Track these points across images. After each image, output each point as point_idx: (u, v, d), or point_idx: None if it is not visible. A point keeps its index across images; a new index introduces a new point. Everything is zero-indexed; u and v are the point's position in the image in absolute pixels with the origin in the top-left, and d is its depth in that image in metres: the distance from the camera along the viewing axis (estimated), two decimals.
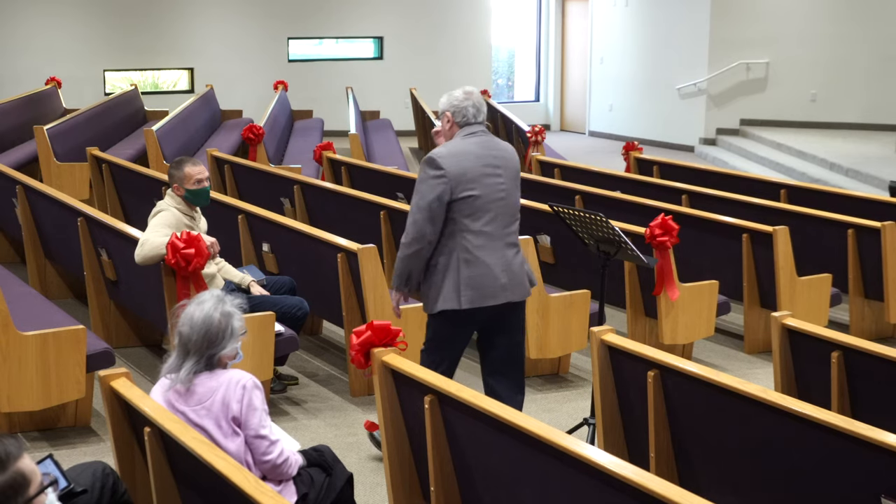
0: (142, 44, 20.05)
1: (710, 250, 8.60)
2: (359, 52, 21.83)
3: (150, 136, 12.63)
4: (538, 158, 12.56)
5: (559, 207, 6.35)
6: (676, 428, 4.87)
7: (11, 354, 6.05)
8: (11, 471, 2.93)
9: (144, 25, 19.96)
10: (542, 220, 8.50)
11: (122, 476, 4.49)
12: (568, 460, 3.77)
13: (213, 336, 4.47)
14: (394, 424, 4.75)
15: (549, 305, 7.30)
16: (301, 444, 5.26)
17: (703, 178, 11.44)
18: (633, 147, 12.95)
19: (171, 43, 20.26)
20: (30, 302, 7.15)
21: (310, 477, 4.66)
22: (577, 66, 22.79)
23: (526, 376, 7.55)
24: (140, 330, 8.09)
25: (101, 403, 4.85)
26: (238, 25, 20.60)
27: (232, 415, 4.46)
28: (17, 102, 16.06)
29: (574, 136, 22.24)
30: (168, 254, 6.46)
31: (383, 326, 4.76)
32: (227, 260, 7.51)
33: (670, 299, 7.53)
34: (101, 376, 4.55)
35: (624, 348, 4.99)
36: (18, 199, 9.10)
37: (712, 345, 8.45)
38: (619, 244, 6.06)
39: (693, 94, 19.58)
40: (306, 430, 6.56)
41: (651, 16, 20.40)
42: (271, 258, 8.03)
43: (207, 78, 19.77)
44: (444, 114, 5.64)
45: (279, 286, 7.37)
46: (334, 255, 7.18)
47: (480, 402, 4.18)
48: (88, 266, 7.95)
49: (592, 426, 5.98)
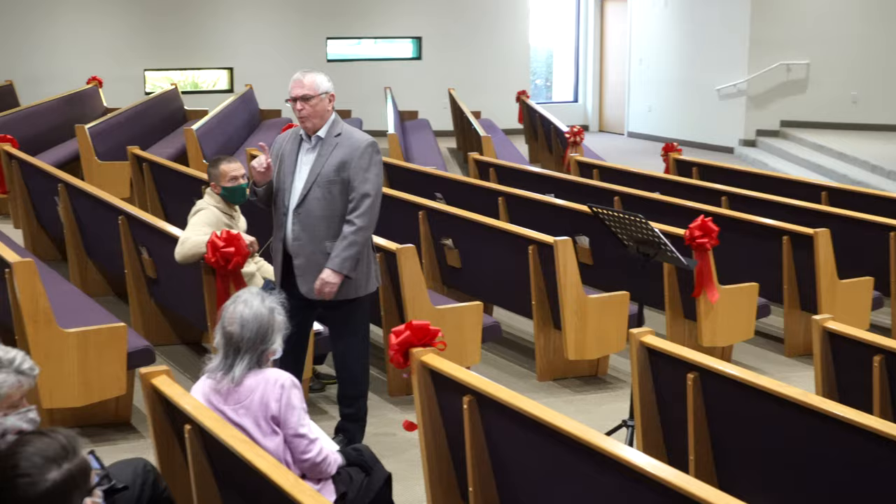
0: (182, 44, 20.15)
1: (749, 252, 8.55)
2: (397, 53, 21.85)
3: (189, 135, 12.70)
4: (577, 159, 12.53)
5: (598, 209, 6.33)
6: (716, 430, 4.85)
7: (53, 351, 6.10)
8: (80, 457, 2.99)
9: (185, 25, 20.06)
10: (580, 222, 8.49)
11: (162, 473, 4.51)
12: (607, 462, 3.76)
13: (263, 332, 4.51)
14: (432, 424, 4.75)
15: (587, 307, 7.28)
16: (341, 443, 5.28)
17: (742, 180, 11.38)
18: (672, 148, 12.90)
19: (210, 43, 20.35)
20: (71, 299, 7.20)
21: (349, 476, 4.67)
22: (616, 66, 22.72)
23: (564, 377, 7.59)
24: (179, 328, 8.13)
25: (142, 400, 4.88)
26: (277, 26, 20.67)
27: (271, 414, 4.48)
28: (59, 101, 16.18)
29: (612, 137, 22.16)
30: (208, 252, 6.49)
31: (422, 326, 4.76)
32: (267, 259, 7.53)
33: (710, 301, 7.50)
34: (142, 374, 4.58)
35: (663, 350, 4.97)
36: (60, 197, 9.17)
37: (752, 347, 8.40)
38: (659, 246, 6.04)
39: (733, 95, 19.48)
40: None
41: (691, 16, 20.31)
42: None
43: (247, 78, 19.85)
44: (328, 94, 5.85)
45: None
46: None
47: (519, 402, 4.18)
48: (129, 264, 8.00)
49: (631, 428, 5.97)
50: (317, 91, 5.79)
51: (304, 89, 5.78)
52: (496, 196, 9.66)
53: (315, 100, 5.78)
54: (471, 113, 16.91)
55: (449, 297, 7.90)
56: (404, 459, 6.09)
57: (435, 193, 10.20)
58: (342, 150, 5.79)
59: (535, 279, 7.48)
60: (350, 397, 6.08)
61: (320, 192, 5.76)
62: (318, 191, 5.76)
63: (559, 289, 7.20)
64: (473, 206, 8.85)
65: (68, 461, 2.97)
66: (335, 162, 5.77)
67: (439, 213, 8.51)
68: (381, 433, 6.53)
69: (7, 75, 18.22)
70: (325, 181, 5.76)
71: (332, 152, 5.79)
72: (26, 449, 2.96)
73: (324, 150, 5.81)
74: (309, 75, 5.86)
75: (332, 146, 5.81)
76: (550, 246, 7.22)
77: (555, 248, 7.16)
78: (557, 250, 7.15)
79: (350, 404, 6.08)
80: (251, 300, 4.55)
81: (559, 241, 7.18)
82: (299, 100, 5.77)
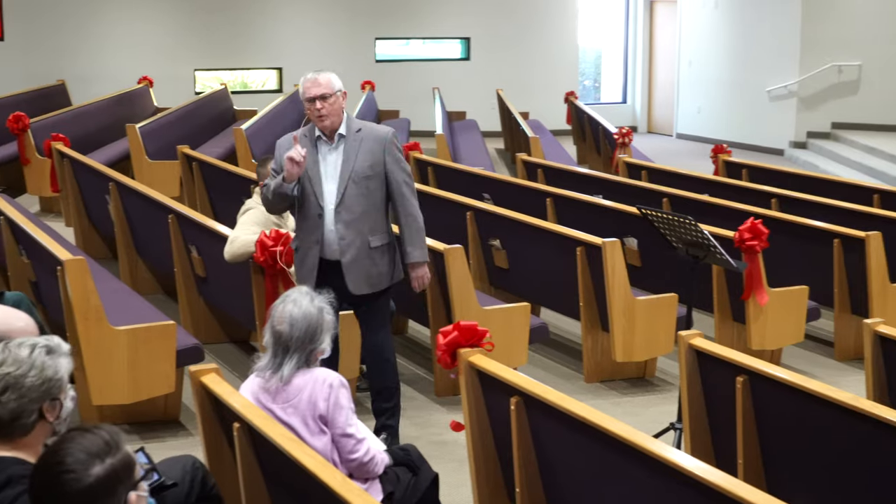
0: (232, 44, 20.27)
1: (800, 255, 8.49)
2: (446, 53, 21.87)
3: (239, 134, 12.77)
4: (625, 161, 12.48)
5: (647, 210, 6.31)
6: (765, 434, 4.81)
7: (104, 348, 6.15)
8: (123, 452, 3.02)
9: (234, 26, 20.18)
10: (628, 223, 8.46)
11: (210, 470, 4.54)
12: (655, 465, 3.74)
13: (313, 331, 4.54)
14: (479, 425, 4.75)
15: (635, 309, 7.25)
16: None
17: (793, 182, 11.29)
18: (722, 150, 12.82)
19: (260, 43, 20.45)
20: (121, 297, 7.26)
21: (396, 476, 4.68)
22: (665, 67, 22.62)
23: (611, 379, 7.57)
24: (228, 326, 8.17)
25: (191, 398, 4.91)
26: (326, 26, 20.74)
27: (319, 413, 4.50)
28: (111, 101, 16.33)
29: (661, 139, 22.07)
30: (257, 251, 6.53)
31: (470, 327, 4.76)
32: None
33: (759, 304, 7.45)
34: (191, 371, 4.61)
35: (712, 353, 4.94)
36: (111, 196, 9.25)
37: (801, 351, 8.33)
38: (708, 248, 6.00)
39: (783, 97, 19.33)
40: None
41: (741, 17, 20.18)
42: None
43: (296, 78, 19.87)
44: (342, 91, 5.85)
45: None
46: None
47: (567, 404, 4.17)
48: (178, 263, 8.06)
49: (679, 431, 5.94)
50: (333, 89, 5.79)
51: (321, 88, 5.77)
52: (544, 197, 9.64)
53: (332, 98, 5.78)
54: (519, 114, 16.90)
55: (496, 298, 7.90)
56: (451, 460, 6.09)
57: (483, 194, 10.20)
58: (369, 143, 5.83)
59: (583, 280, 7.46)
60: (391, 389, 6.11)
61: (356, 188, 5.78)
62: (355, 187, 5.78)
63: (607, 290, 7.18)
64: (521, 206, 8.84)
65: (111, 456, 3.00)
66: (366, 157, 5.80)
67: (487, 213, 8.51)
68: (428, 433, 6.54)
69: (59, 75, 18.40)
70: (360, 177, 5.79)
71: (359, 147, 5.82)
72: (70, 445, 3.00)
73: (349, 146, 5.83)
74: (323, 74, 5.84)
75: (357, 142, 5.83)
76: (598, 247, 7.20)
77: (603, 250, 7.14)
78: (605, 252, 7.12)
79: (390, 397, 6.10)
80: (300, 300, 4.58)
81: (607, 242, 7.16)
82: (318, 99, 5.76)
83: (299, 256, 5.96)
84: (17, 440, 3.38)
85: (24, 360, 3.36)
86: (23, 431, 3.37)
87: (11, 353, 3.38)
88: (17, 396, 3.33)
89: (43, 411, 3.38)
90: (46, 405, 3.38)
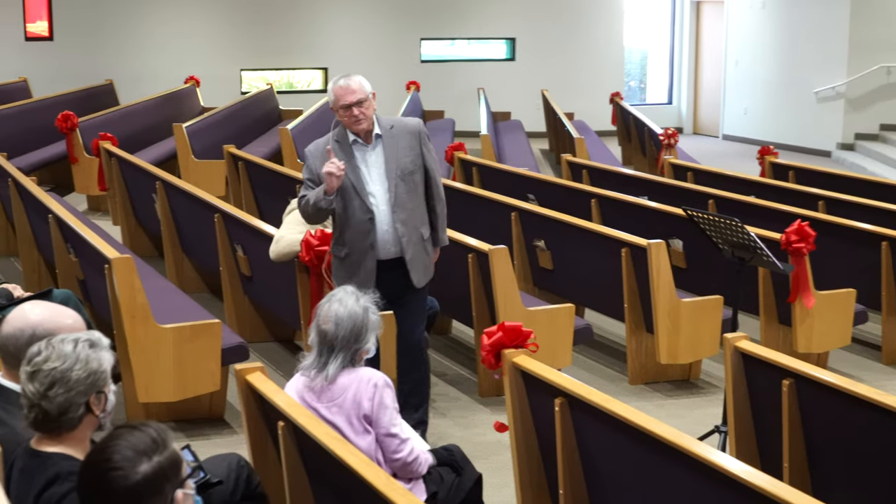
0: (277, 44, 20.36)
1: (847, 258, 8.42)
2: (491, 54, 21.86)
3: (284, 134, 12.83)
4: (671, 162, 12.43)
5: (693, 212, 6.28)
6: (811, 438, 4.78)
7: (150, 346, 6.20)
8: (170, 450, 3.05)
9: (280, 26, 20.26)
10: (674, 225, 8.42)
11: (255, 468, 4.56)
12: (699, 467, 3.73)
13: (358, 331, 4.56)
14: (523, 426, 4.75)
15: (680, 310, 7.22)
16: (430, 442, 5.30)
17: (840, 184, 11.20)
18: (769, 151, 12.74)
19: (305, 43, 20.53)
20: (167, 295, 7.31)
21: (439, 476, 4.68)
22: (711, 68, 22.50)
23: (655, 381, 7.54)
24: (273, 325, 8.21)
25: (235, 396, 4.94)
26: (371, 26, 20.79)
27: (363, 412, 4.51)
28: (158, 100, 16.45)
29: (707, 140, 21.95)
30: (302, 251, 6.55)
31: (514, 328, 4.76)
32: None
33: (806, 307, 7.40)
34: (236, 370, 4.63)
35: (758, 356, 4.91)
36: (158, 194, 9.32)
37: (848, 354, 8.26)
38: (755, 250, 5.97)
39: (831, 98, 19.18)
40: (434, 429, 6.59)
41: (789, 17, 20.03)
42: None
43: None
44: (372, 92, 5.79)
45: None
46: (465, 256, 7.21)
47: (611, 406, 4.16)
48: (224, 261, 8.10)
49: (724, 434, 5.91)
50: (367, 93, 5.76)
51: (356, 94, 5.73)
52: (589, 198, 9.62)
53: (367, 102, 5.75)
54: (564, 114, 16.87)
55: (540, 299, 7.89)
56: (495, 461, 6.09)
57: (527, 194, 10.19)
58: (404, 139, 5.85)
59: (628, 282, 7.43)
60: (426, 383, 6.14)
61: (405, 185, 5.80)
62: (403, 184, 5.79)
63: (652, 292, 7.15)
64: (566, 207, 8.82)
65: (158, 454, 3.03)
66: (406, 152, 5.82)
67: (532, 214, 8.50)
68: (472, 434, 6.54)
69: (107, 75, 18.55)
70: (405, 173, 5.80)
71: (397, 145, 5.82)
72: (118, 443, 3.03)
73: (388, 145, 5.82)
74: (353, 79, 5.79)
75: (393, 139, 5.83)
76: (643, 248, 7.18)
77: (648, 251, 7.11)
78: (650, 253, 7.10)
79: (424, 389, 6.12)
80: (346, 299, 4.59)
81: (652, 243, 7.13)
82: (354, 106, 5.73)
83: (350, 263, 5.87)
84: (64, 435, 3.42)
85: (69, 354, 3.39)
86: (70, 426, 3.40)
87: (55, 348, 3.41)
88: (64, 391, 3.36)
89: (90, 404, 3.40)
90: (93, 398, 3.41)
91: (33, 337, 3.70)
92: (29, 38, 18.99)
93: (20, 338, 3.73)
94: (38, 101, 15.79)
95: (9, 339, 3.78)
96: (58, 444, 3.42)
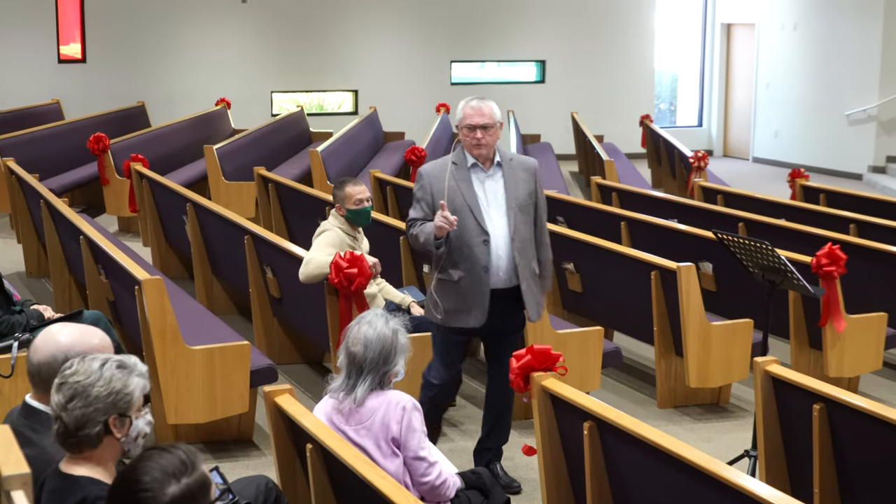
0: (308, 66, 20.46)
1: (878, 281, 8.37)
2: (521, 76, 21.90)
3: (315, 156, 12.87)
4: (701, 184, 12.41)
5: (724, 235, 6.26)
6: (842, 463, 4.74)
7: (179, 368, 6.22)
8: (199, 472, 3.05)
9: (311, 48, 20.36)
10: (704, 247, 8.39)
11: (283, 490, 4.57)
12: (729, 492, 3.71)
13: (387, 353, 4.56)
14: (552, 449, 4.73)
15: (710, 334, 7.19)
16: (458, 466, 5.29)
17: (872, 207, 11.14)
18: (800, 174, 12.70)
19: (336, 65, 20.62)
20: (197, 317, 7.34)
21: (468, 499, 4.67)
22: (742, 90, 22.45)
23: (685, 405, 7.50)
24: (302, 347, 8.22)
25: (264, 418, 4.94)
26: (402, 48, 20.87)
27: (392, 435, 4.51)
28: (190, 122, 16.56)
29: (737, 162, 21.89)
30: (331, 273, 6.56)
31: (543, 351, 4.75)
32: (388, 280, 7.59)
33: (837, 331, 7.35)
34: (265, 392, 4.64)
35: (789, 380, 4.89)
36: (188, 216, 9.36)
37: (880, 379, 8.20)
38: (785, 273, 5.94)
39: (863, 121, 19.10)
40: (463, 452, 6.58)
41: (820, 40, 19.97)
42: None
43: (371, 100, 20.06)
44: (500, 122, 5.75)
45: None
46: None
47: (640, 429, 4.14)
48: (254, 283, 8.12)
49: (754, 458, 5.87)
50: (495, 120, 5.70)
51: (484, 118, 5.65)
52: (619, 220, 9.60)
53: (493, 129, 5.69)
54: (594, 137, 16.87)
55: (570, 322, 7.87)
56: (523, 484, 6.07)
57: (557, 217, 10.18)
58: (524, 173, 5.79)
59: (658, 305, 7.41)
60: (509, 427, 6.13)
61: (522, 216, 5.72)
62: (521, 216, 5.72)
63: (682, 315, 7.12)
64: (595, 230, 8.81)
65: (188, 476, 3.03)
66: (524, 186, 5.75)
67: (562, 236, 8.48)
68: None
69: (139, 96, 18.69)
70: (524, 205, 5.73)
71: (517, 177, 5.76)
72: (148, 464, 3.03)
73: (508, 175, 5.74)
74: (486, 103, 5.71)
75: (514, 170, 5.77)
76: (673, 272, 7.15)
77: (678, 274, 7.09)
78: (681, 276, 7.07)
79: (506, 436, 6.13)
80: (375, 321, 4.60)
81: (682, 266, 7.11)
82: (479, 128, 5.65)
83: (461, 288, 5.70)
84: (86, 454, 3.42)
85: (94, 371, 3.42)
86: (90, 444, 3.40)
87: (84, 364, 3.44)
88: (83, 405, 3.37)
89: (109, 425, 3.41)
90: (113, 419, 3.41)
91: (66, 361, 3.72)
92: (62, 60, 19.16)
93: (53, 364, 3.73)
94: (70, 122, 15.93)
95: (42, 366, 3.80)
96: (84, 466, 3.42)
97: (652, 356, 7.83)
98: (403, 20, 20.81)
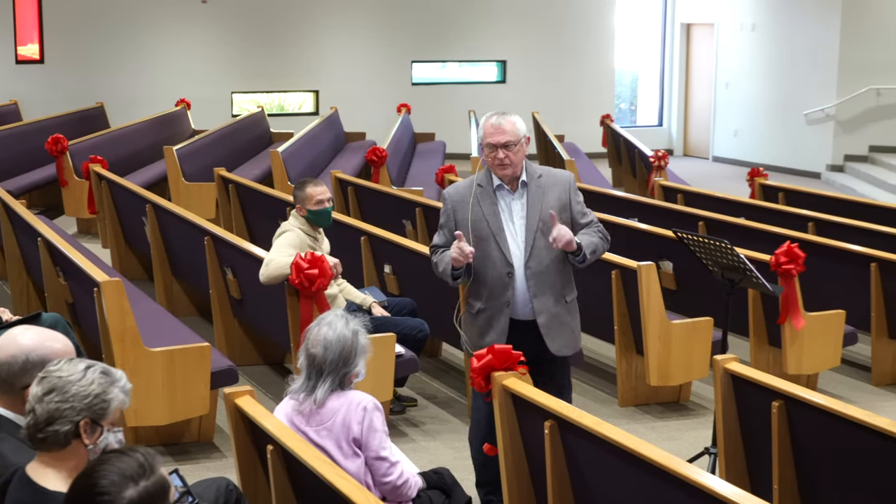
0: (269, 67, 20.37)
1: (836, 279, 8.43)
2: (482, 76, 21.91)
3: (275, 157, 12.83)
4: (661, 184, 12.46)
5: (683, 234, 6.29)
6: (801, 459, 4.78)
7: (139, 370, 6.18)
8: (158, 475, 3.03)
9: (272, 48, 20.28)
10: (664, 246, 8.43)
11: (244, 492, 4.55)
12: (689, 489, 3.72)
13: (347, 354, 4.55)
14: (513, 449, 4.74)
15: (670, 332, 7.22)
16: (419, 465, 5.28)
17: (830, 206, 11.23)
18: (759, 173, 12.78)
19: (297, 66, 20.55)
20: (157, 318, 7.30)
21: (429, 499, 4.67)
22: (702, 90, 22.56)
23: (646, 403, 7.53)
24: (263, 348, 8.20)
25: (225, 420, 4.92)
26: (363, 49, 20.82)
27: (353, 436, 4.51)
28: (149, 123, 16.45)
29: (698, 162, 22.00)
30: (292, 274, 6.54)
31: (504, 350, 4.75)
32: (350, 281, 7.58)
33: (795, 328, 7.40)
34: (225, 393, 4.62)
35: (748, 377, 4.91)
36: (148, 217, 9.31)
37: (838, 376, 8.27)
38: (744, 271, 5.98)
39: (821, 120, 19.25)
40: (425, 451, 6.58)
41: (779, 40, 20.10)
42: (393, 279, 8.08)
43: (332, 100, 20.01)
44: (526, 137, 5.37)
45: (400, 308, 7.42)
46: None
47: (601, 428, 4.16)
48: (214, 284, 8.09)
49: (714, 455, 5.90)
50: (519, 137, 5.28)
51: (505, 136, 5.23)
52: None
53: (517, 147, 5.26)
54: (554, 136, 16.90)
55: None
56: None
57: None
58: (554, 190, 5.33)
59: (618, 304, 7.43)
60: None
61: (544, 239, 5.24)
62: (543, 238, 5.25)
63: (642, 314, 7.15)
64: None
65: (146, 479, 3.01)
66: (553, 204, 5.27)
67: None
68: (463, 457, 6.52)
69: (98, 97, 18.56)
70: (548, 226, 5.22)
71: (544, 195, 5.30)
72: (105, 467, 3.01)
73: (533, 194, 5.30)
74: (507, 119, 5.29)
75: (540, 188, 5.32)
76: (634, 271, 7.18)
77: (638, 273, 7.11)
78: (641, 275, 7.10)
79: None
80: (335, 322, 4.59)
81: (643, 265, 7.13)
82: (501, 147, 5.24)
83: (483, 320, 5.37)
84: (54, 454, 3.39)
85: (78, 371, 3.41)
86: (57, 442, 3.36)
87: (71, 364, 3.44)
88: (59, 399, 3.34)
89: (80, 427, 3.38)
90: (85, 422, 3.38)
91: (27, 363, 3.71)
92: (20, 61, 18.99)
93: (13, 364, 3.72)
94: (28, 123, 15.80)
95: (2, 365, 3.77)
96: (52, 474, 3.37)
97: (613, 355, 7.86)
98: (364, 20, 20.77)
